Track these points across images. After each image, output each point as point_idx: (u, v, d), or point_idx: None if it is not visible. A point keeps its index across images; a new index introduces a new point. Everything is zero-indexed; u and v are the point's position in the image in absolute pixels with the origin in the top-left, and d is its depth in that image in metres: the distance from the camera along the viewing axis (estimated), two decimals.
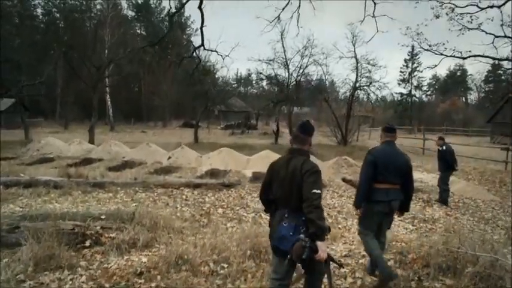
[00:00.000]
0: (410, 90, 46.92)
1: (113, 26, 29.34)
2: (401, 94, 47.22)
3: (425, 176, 12.40)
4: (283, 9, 8.17)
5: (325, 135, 22.35)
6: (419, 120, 45.88)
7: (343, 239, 5.39)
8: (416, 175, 12.62)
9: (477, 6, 9.95)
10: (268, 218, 2.87)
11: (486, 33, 10.87)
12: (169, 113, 46.62)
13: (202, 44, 7.42)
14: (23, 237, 3.93)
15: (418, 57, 46.89)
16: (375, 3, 8.57)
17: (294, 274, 2.84)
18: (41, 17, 43.67)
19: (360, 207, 3.55)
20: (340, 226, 6.12)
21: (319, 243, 2.31)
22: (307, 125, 2.71)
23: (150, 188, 7.65)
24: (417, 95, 49.81)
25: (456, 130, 37.11)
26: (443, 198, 7.92)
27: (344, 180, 11.40)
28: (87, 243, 4.15)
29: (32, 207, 6.01)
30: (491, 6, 10.05)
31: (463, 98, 60.84)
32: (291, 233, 2.42)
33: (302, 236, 2.35)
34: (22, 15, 38.54)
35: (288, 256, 2.39)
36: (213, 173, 11.28)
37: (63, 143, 12.87)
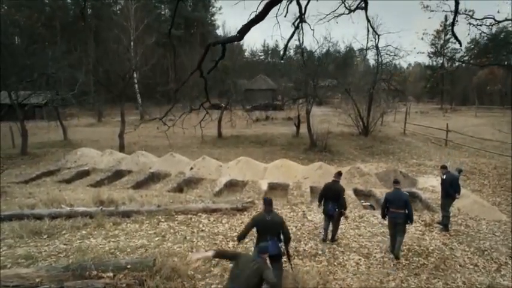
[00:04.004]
0: (442, 63, 44.29)
1: (137, 18, 30.01)
2: (432, 68, 44.62)
3: (439, 181, 12.27)
4: (288, 40, 8.40)
5: (346, 125, 22.40)
6: (452, 95, 43.84)
7: (334, 283, 6.08)
8: (429, 182, 12.66)
9: (494, 19, 9.61)
10: None
11: (506, 42, 10.49)
12: (197, 94, 47.28)
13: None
14: None
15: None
16: (378, 35, 8.58)
17: None
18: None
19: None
20: (335, 263, 6.75)
21: (344, 211, 7.28)
22: (340, 173, 7.59)
23: (172, 216, 8.65)
24: (450, 66, 46.77)
25: (491, 108, 35.44)
26: (444, 223, 8.29)
27: (356, 191, 11.63)
28: None
29: (72, 243, 7.18)
30: (508, 20, 9.64)
31: (505, 62, 56.39)
32: (334, 209, 7.15)
33: (338, 209, 7.16)
34: (53, 7, 40.12)
35: (332, 216, 7.24)
36: (231, 184, 12.19)
37: (96, 153, 14.29)
